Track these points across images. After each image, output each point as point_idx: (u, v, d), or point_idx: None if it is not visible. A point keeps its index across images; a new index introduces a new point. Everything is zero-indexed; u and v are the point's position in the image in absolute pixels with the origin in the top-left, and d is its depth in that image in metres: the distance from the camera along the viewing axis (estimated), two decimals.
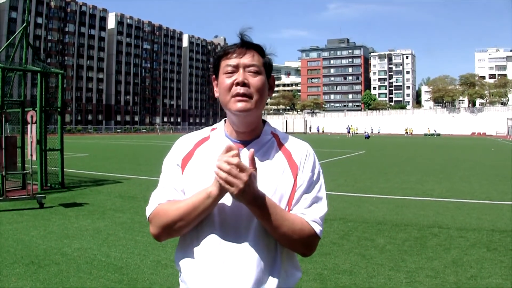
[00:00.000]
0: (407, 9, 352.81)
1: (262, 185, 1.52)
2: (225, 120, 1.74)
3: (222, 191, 1.44)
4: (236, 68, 1.59)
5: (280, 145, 1.67)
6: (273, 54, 1.70)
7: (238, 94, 1.56)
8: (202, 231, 1.54)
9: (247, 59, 1.60)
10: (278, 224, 1.48)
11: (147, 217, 1.62)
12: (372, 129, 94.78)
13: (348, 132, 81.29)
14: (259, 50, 1.65)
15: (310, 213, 1.57)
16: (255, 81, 1.58)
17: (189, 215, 1.50)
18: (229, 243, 1.51)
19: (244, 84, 1.57)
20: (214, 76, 1.70)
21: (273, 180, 1.57)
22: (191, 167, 1.62)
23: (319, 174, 1.67)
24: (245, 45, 1.62)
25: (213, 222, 1.53)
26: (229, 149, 1.42)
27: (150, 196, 1.65)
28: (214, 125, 1.77)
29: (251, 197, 1.43)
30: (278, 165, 1.61)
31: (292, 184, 1.59)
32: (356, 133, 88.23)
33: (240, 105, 1.56)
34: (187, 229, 1.54)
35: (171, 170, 1.66)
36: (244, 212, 1.50)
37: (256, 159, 1.55)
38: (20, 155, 11.27)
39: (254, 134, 1.66)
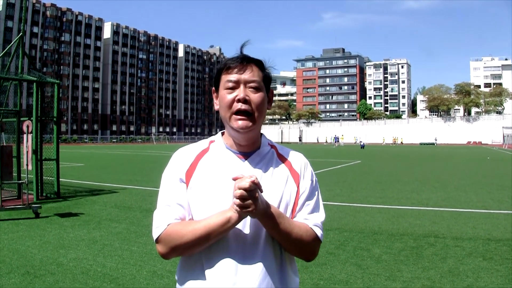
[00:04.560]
0: (402, 19, 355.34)
1: (268, 195, 1.56)
2: (222, 132, 1.75)
3: (241, 217, 1.48)
4: (237, 83, 1.60)
5: (279, 155, 1.73)
6: (272, 67, 1.72)
7: (239, 111, 1.58)
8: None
9: (247, 74, 1.60)
10: (287, 231, 1.54)
11: (155, 238, 1.57)
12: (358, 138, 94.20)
13: (337, 141, 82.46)
14: (259, 64, 1.66)
15: (312, 218, 1.64)
16: (255, 97, 1.60)
17: (206, 238, 1.50)
18: (238, 252, 1.53)
19: (245, 101, 1.58)
20: (214, 88, 1.71)
21: (278, 189, 1.63)
22: (196, 180, 1.61)
23: (316, 183, 1.74)
24: (245, 60, 1.62)
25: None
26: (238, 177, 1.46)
27: (153, 216, 1.62)
28: (212, 138, 1.77)
29: (263, 211, 1.48)
30: (281, 174, 1.66)
31: (295, 192, 1.66)
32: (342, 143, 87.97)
33: (241, 123, 1.58)
34: (201, 249, 1.53)
35: (174, 186, 1.62)
36: (252, 223, 1.55)
37: (260, 170, 1.64)
38: (16, 165, 11.23)
39: (254, 146, 1.69)
